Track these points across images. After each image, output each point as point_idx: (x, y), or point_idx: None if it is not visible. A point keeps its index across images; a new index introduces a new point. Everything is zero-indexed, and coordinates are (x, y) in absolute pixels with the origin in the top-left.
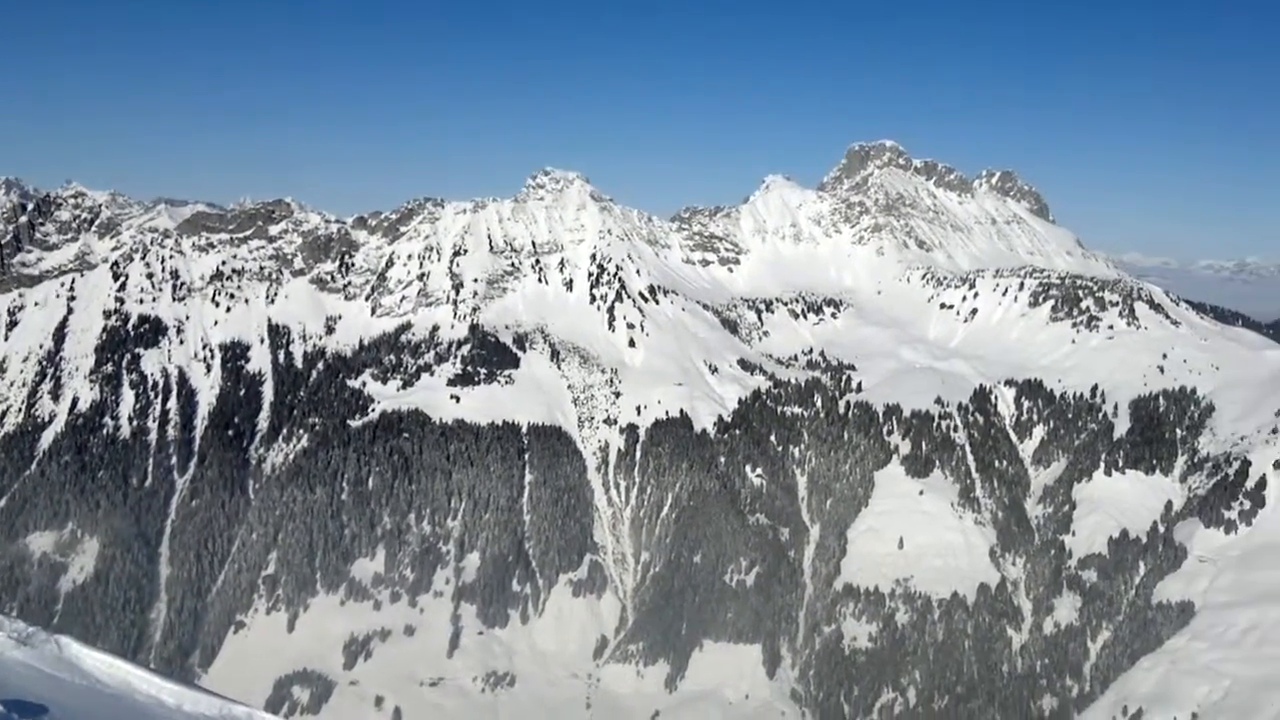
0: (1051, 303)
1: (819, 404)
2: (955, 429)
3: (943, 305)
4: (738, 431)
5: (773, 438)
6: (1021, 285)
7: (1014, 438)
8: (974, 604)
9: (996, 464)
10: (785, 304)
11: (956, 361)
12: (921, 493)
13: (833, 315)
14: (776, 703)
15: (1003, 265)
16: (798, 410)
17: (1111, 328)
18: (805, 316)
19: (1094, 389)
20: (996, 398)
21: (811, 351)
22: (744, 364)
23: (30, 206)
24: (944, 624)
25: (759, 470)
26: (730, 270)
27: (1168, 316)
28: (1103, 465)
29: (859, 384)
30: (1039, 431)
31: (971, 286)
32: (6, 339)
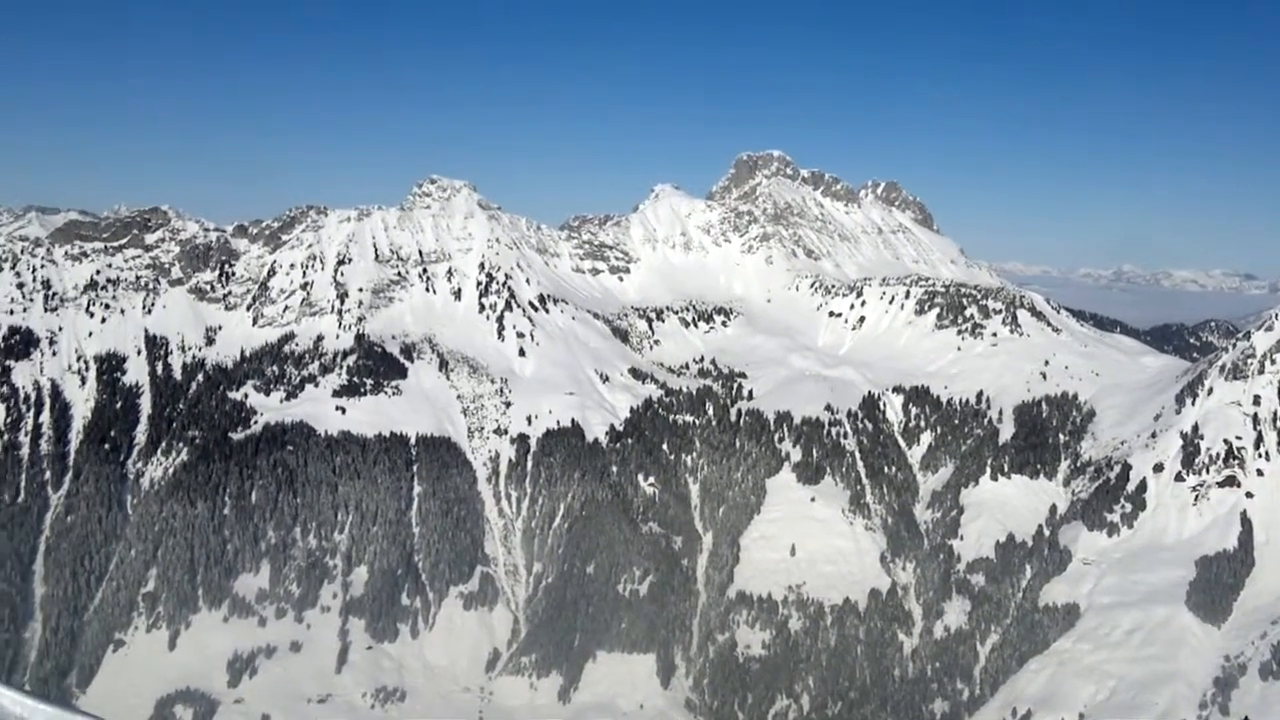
0: (937, 310)
1: (711, 412)
2: (845, 436)
3: (831, 313)
4: (630, 440)
5: (665, 446)
6: (908, 293)
7: (902, 444)
8: (865, 609)
9: (886, 470)
10: (676, 313)
11: (846, 369)
12: (813, 499)
13: (723, 324)
14: (671, 712)
15: (889, 274)
16: (689, 419)
17: (995, 335)
18: (696, 325)
19: (979, 395)
20: (885, 404)
21: (703, 360)
22: (635, 373)
23: None
24: (836, 630)
25: (651, 479)
26: (621, 279)
27: (1049, 324)
28: (989, 470)
29: (750, 392)
30: (927, 438)
31: (859, 295)
32: None
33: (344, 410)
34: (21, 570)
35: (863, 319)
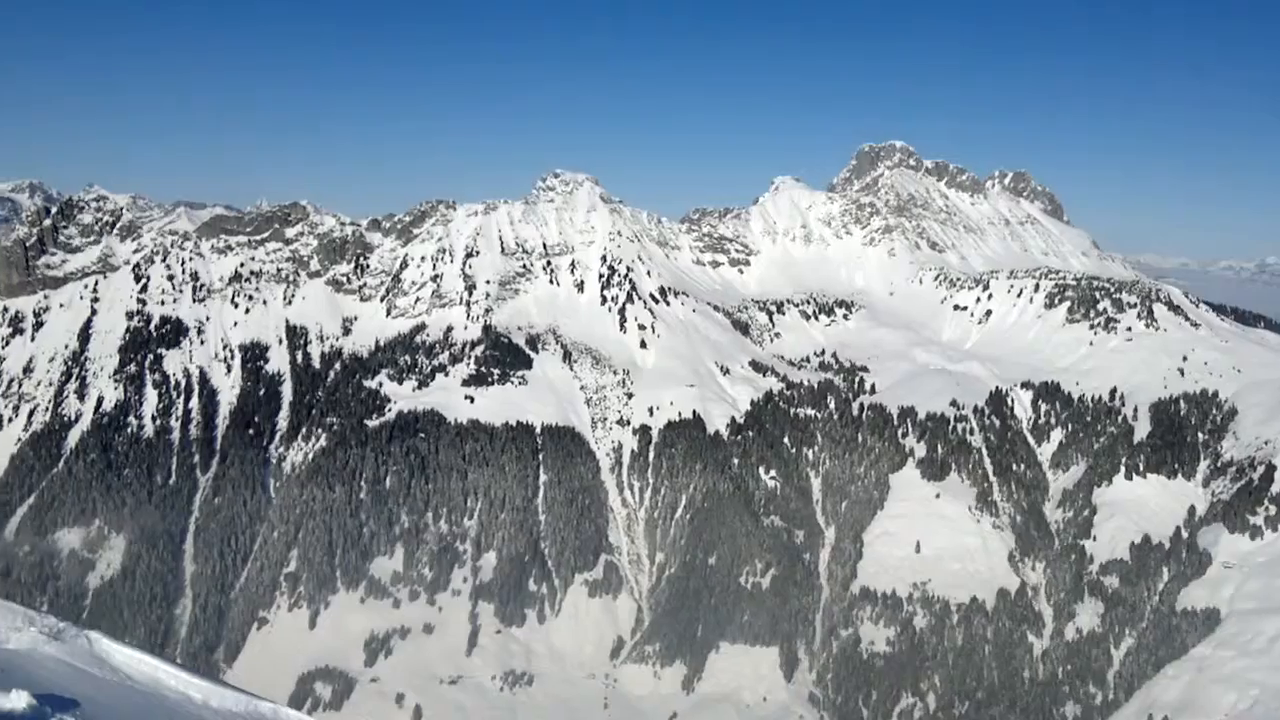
0: (1068, 304)
1: (832, 406)
2: (971, 432)
3: (956, 307)
4: (750, 433)
5: (786, 440)
6: (1037, 286)
7: (1031, 441)
8: (993, 609)
9: (1014, 467)
10: (796, 305)
11: (971, 364)
12: (938, 496)
13: (844, 317)
14: (794, 706)
15: (1017, 266)
16: (811, 412)
17: (1130, 330)
18: (817, 318)
19: (1113, 392)
20: (1013, 400)
21: (824, 353)
22: (756, 365)
23: (54, 210)
24: (963, 629)
25: (772, 472)
26: (740, 271)
27: (1187, 318)
28: (1123, 469)
29: (872, 386)
30: (1057, 435)
31: (985, 288)
32: (33, 340)
33: (472, 399)
34: (173, 549)
35: (989, 313)
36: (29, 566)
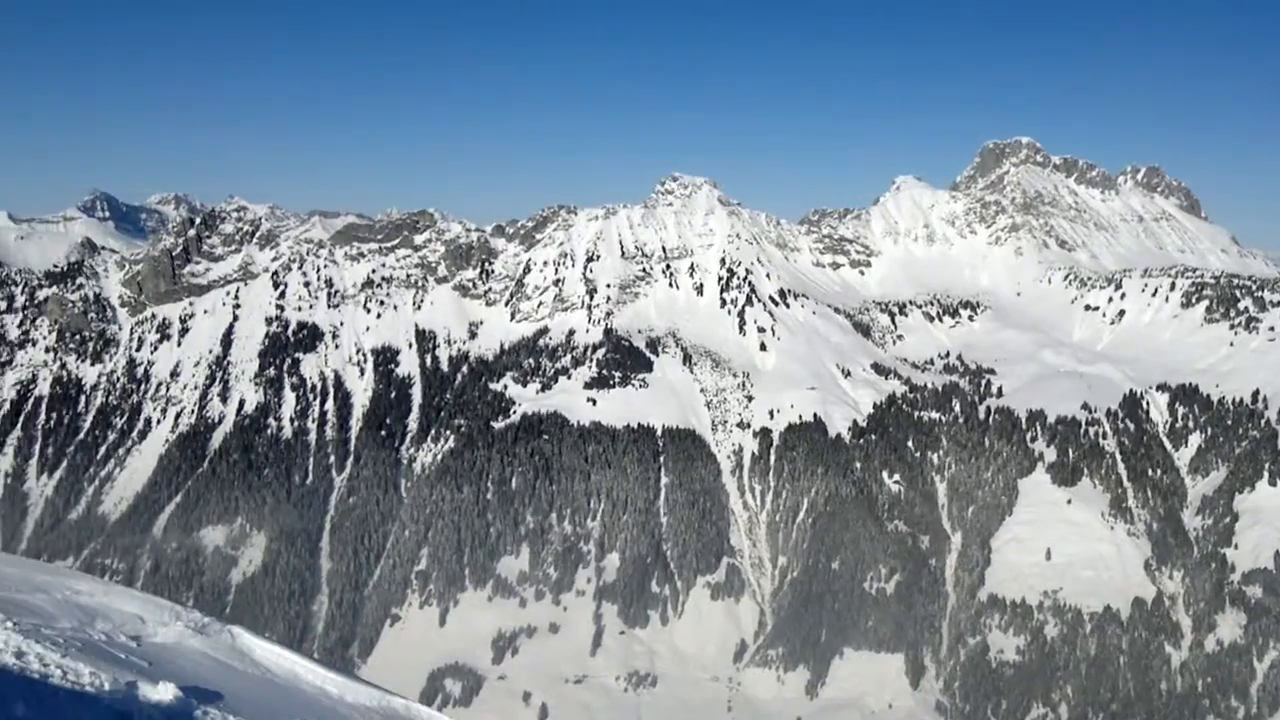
0: (1206, 303)
1: (958, 409)
2: (1104, 436)
3: (1087, 307)
4: (873, 436)
5: (910, 443)
6: (1173, 285)
7: (1168, 445)
8: (1129, 618)
9: (1150, 473)
10: (919, 306)
11: (1104, 365)
12: (1069, 502)
13: (970, 318)
14: (921, 713)
15: (1151, 265)
16: (935, 415)
17: (1273, 329)
18: (941, 319)
19: (1255, 394)
20: (1148, 403)
21: (948, 355)
22: (878, 368)
23: (197, 220)
24: (1096, 638)
25: (896, 476)
26: (861, 273)
27: None
28: (1266, 475)
29: (999, 388)
30: (1195, 439)
31: (1118, 287)
32: (179, 345)
33: (594, 402)
34: (310, 547)
35: (1122, 313)
36: (176, 563)
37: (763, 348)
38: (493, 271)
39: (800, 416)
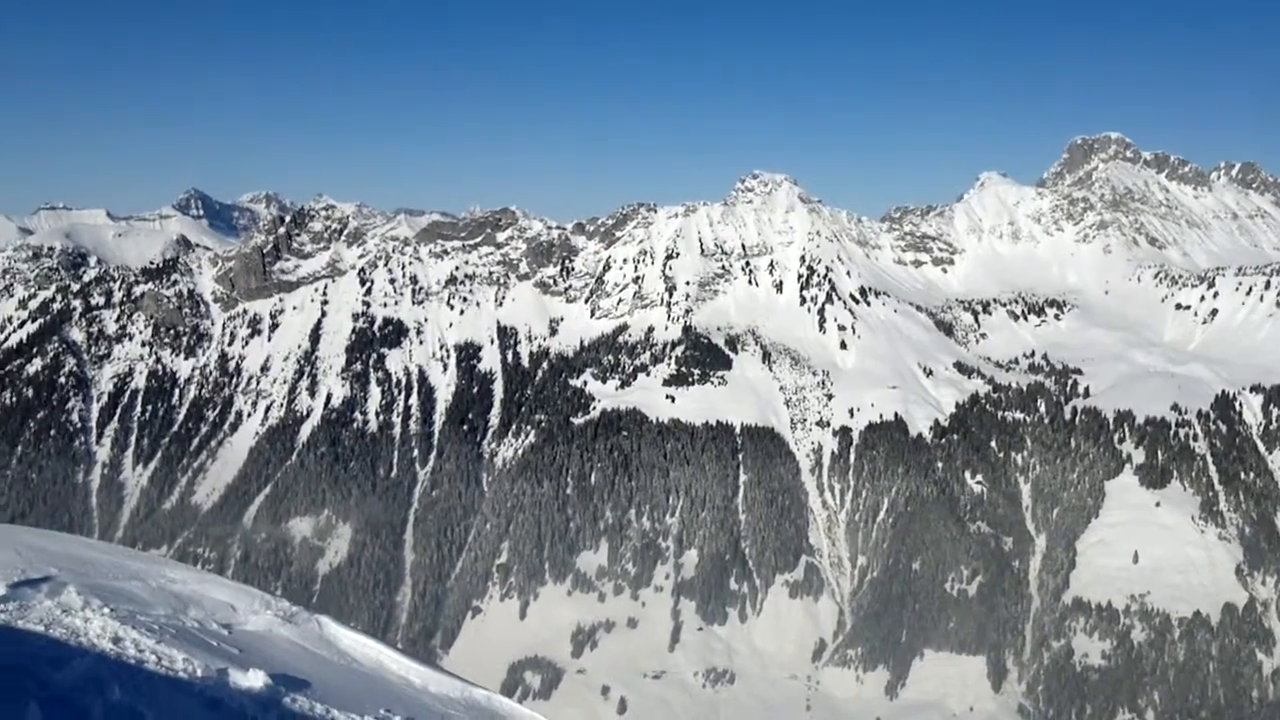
0: None
1: (1043, 409)
2: (1195, 438)
3: (1178, 306)
4: (955, 436)
5: (993, 444)
6: (1268, 284)
7: (1262, 448)
8: (1219, 624)
9: (1243, 475)
10: (1004, 305)
11: (1195, 365)
12: (1158, 504)
13: (1056, 317)
14: (1002, 717)
15: (1246, 263)
16: (1020, 416)
17: None
18: (1026, 318)
19: None
20: (1242, 405)
21: (1033, 354)
22: (961, 367)
23: (287, 219)
24: (1185, 644)
25: (979, 477)
26: (944, 271)
27: None
28: None
29: (1086, 389)
30: None
31: (1211, 285)
32: (269, 340)
33: (673, 399)
34: (394, 539)
35: (1215, 312)
36: (265, 552)
37: (843, 346)
38: (573, 269)
39: (881, 415)
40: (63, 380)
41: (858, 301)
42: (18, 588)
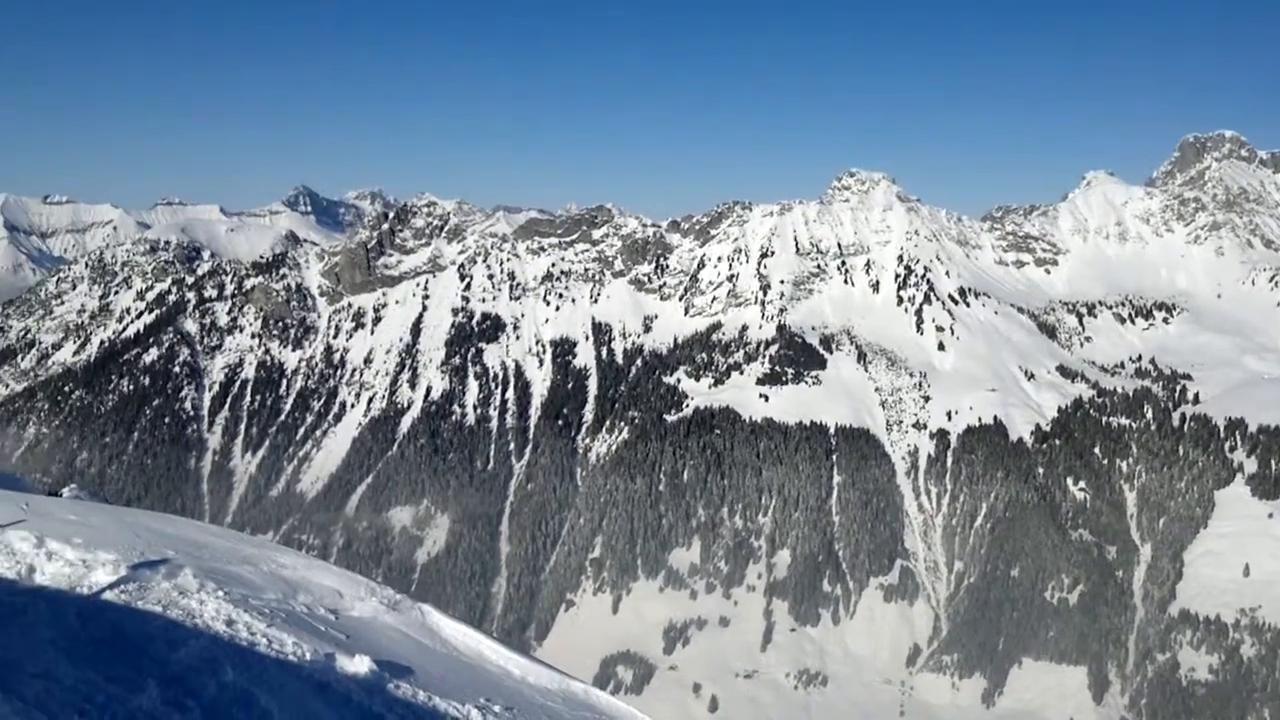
0: None
1: (1149, 415)
2: None
3: None
4: (1057, 441)
5: (1097, 450)
6: None
7: None
8: None
9: None
10: (1110, 308)
11: None
12: (1271, 516)
13: (1164, 320)
14: None
15: None
16: (1125, 422)
17: None
18: (1133, 321)
19: None
20: None
21: (1140, 359)
22: (1063, 371)
23: (391, 215)
24: None
25: (1082, 483)
26: (1047, 272)
27: None
28: None
29: (1196, 395)
30: None
31: None
32: (372, 334)
33: (766, 398)
34: (490, 530)
35: None
36: (366, 540)
37: (941, 347)
38: (667, 266)
39: (980, 419)
40: (177, 370)
41: (957, 302)
42: (137, 569)
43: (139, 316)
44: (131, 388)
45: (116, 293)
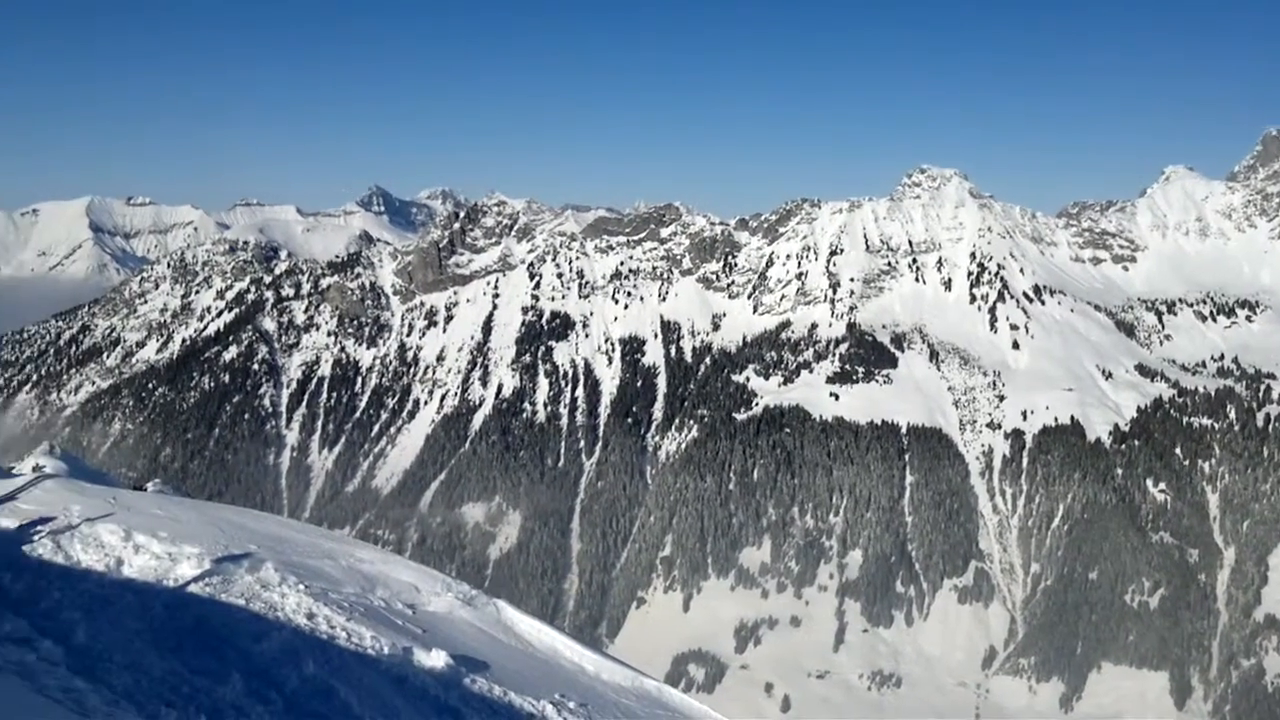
0: None
1: (1233, 416)
2: None
3: None
4: (1136, 442)
5: (1178, 451)
6: None
7: None
8: None
9: None
10: (1190, 305)
11: None
12: None
13: (1248, 318)
14: None
15: None
16: (1207, 422)
17: None
18: (1214, 319)
19: None
20: None
21: (1222, 358)
22: (1142, 369)
23: (461, 214)
24: None
25: (1162, 485)
26: (1125, 269)
27: None
28: None
29: None
30: None
31: None
32: (444, 332)
33: (837, 396)
34: (562, 527)
35: None
36: (440, 536)
37: (1015, 346)
38: (736, 264)
39: (1056, 418)
40: (256, 367)
41: (1031, 300)
42: (221, 563)
43: (219, 315)
44: (212, 385)
45: (197, 292)
